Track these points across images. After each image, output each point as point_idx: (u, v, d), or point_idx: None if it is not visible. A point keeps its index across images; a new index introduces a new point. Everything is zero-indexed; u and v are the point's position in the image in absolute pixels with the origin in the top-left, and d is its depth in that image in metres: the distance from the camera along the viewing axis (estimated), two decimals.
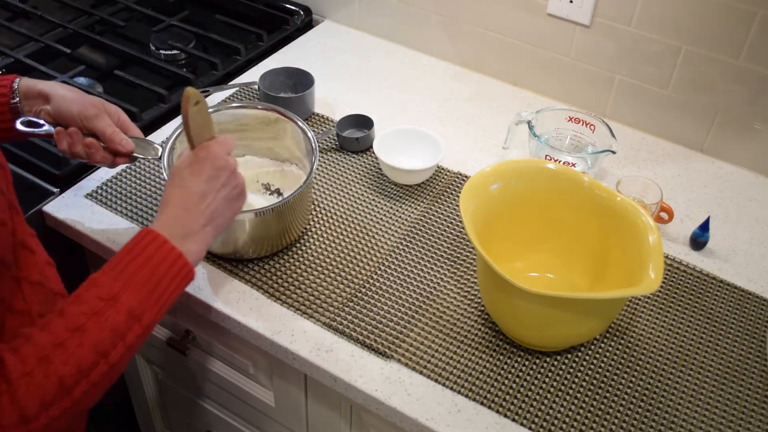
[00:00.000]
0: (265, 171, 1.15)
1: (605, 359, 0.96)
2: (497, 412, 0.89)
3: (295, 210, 1.02)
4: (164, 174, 0.98)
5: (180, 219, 0.80)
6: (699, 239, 1.11)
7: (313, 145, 1.05)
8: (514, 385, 0.92)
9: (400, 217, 1.14)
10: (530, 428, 0.88)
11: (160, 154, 0.99)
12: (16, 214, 0.82)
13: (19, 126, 0.93)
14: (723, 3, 1.15)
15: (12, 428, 0.66)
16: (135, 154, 0.97)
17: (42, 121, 0.94)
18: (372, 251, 1.08)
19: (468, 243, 1.10)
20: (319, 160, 1.19)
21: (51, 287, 0.86)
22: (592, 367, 0.95)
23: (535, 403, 0.90)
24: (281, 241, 1.05)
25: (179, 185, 0.82)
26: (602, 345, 0.98)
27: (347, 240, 1.09)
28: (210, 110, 1.08)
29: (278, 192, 1.14)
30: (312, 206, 1.13)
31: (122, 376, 1.40)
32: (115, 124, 0.95)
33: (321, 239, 1.09)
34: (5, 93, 0.93)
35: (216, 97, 1.36)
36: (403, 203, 1.16)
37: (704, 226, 1.10)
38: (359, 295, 1.01)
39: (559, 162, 1.13)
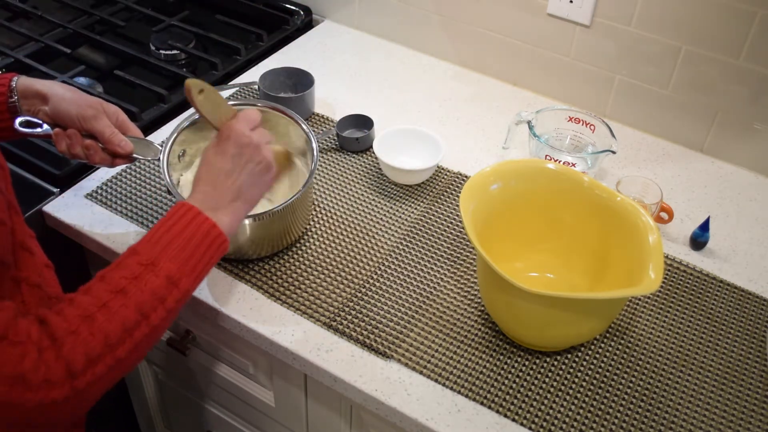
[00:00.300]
0: None
1: (605, 359, 0.96)
2: (497, 412, 0.89)
3: (296, 212, 1.02)
4: (164, 174, 0.98)
5: (209, 194, 0.83)
6: (699, 239, 1.11)
7: (313, 146, 1.05)
8: (514, 385, 0.92)
9: (400, 217, 1.14)
10: (530, 428, 0.88)
11: (159, 154, 0.99)
12: (16, 214, 0.82)
13: (17, 126, 0.93)
14: (723, 3, 1.15)
15: (59, 383, 0.68)
16: (134, 155, 0.96)
17: (40, 122, 0.93)
18: (372, 251, 1.08)
19: (468, 243, 1.10)
20: (319, 160, 1.19)
21: (48, 290, 0.85)
22: (592, 367, 0.95)
23: (535, 403, 0.90)
24: (281, 241, 1.05)
25: (206, 164, 0.86)
26: (602, 345, 0.98)
27: (347, 240, 1.09)
28: None
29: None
30: (312, 207, 1.13)
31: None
32: (114, 124, 0.95)
33: (321, 239, 1.09)
34: (3, 92, 0.93)
35: None
36: (403, 203, 1.16)
37: (704, 226, 1.10)
38: (359, 295, 1.01)
39: (559, 162, 1.13)
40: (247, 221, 0.98)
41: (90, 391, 0.71)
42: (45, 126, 0.93)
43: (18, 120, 0.93)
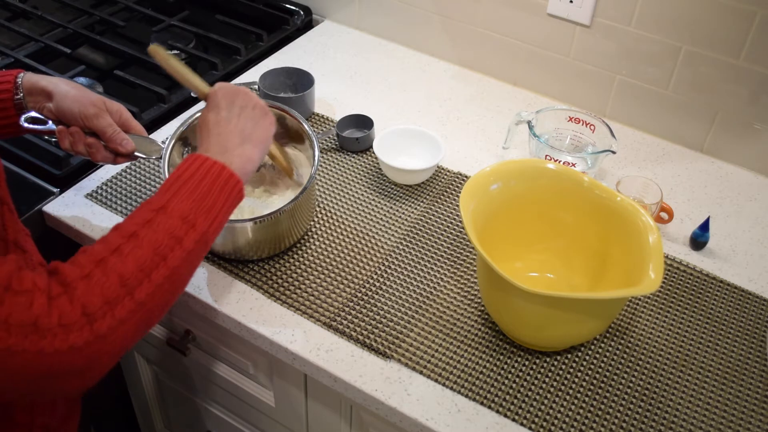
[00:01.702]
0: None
1: (605, 359, 0.96)
2: (497, 412, 0.89)
3: (297, 214, 1.02)
4: (165, 173, 0.98)
5: (214, 141, 0.84)
6: (699, 239, 1.11)
7: (315, 147, 1.05)
8: (514, 385, 0.92)
9: (400, 217, 1.14)
10: (530, 428, 0.88)
11: (162, 152, 0.99)
12: (9, 211, 0.82)
13: (23, 123, 0.94)
14: (723, 3, 1.15)
15: (77, 327, 0.66)
16: (136, 153, 0.96)
17: (45, 119, 0.94)
18: (372, 251, 1.08)
19: (468, 243, 1.10)
20: (320, 161, 1.18)
21: None
22: (592, 367, 0.95)
23: (535, 403, 0.90)
24: (283, 243, 1.04)
25: (205, 123, 0.88)
26: (602, 345, 0.98)
27: (347, 240, 1.09)
28: None
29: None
30: (314, 208, 1.13)
31: (122, 375, 1.40)
32: (117, 121, 0.96)
33: (321, 239, 1.09)
34: (9, 89, 0.93)
35: None
36: (403, 203, 1.16)
37: (704, 226, 1.10)
38: (359, 295, 1.01)
39: (559, 162, 1.13)
40: (248, 224, 0.97)
41: (113, 336, 0.68)
42: (50, 123, 0.94)
43: (24, 116, 0.94)
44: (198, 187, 0.77)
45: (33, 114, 0.94)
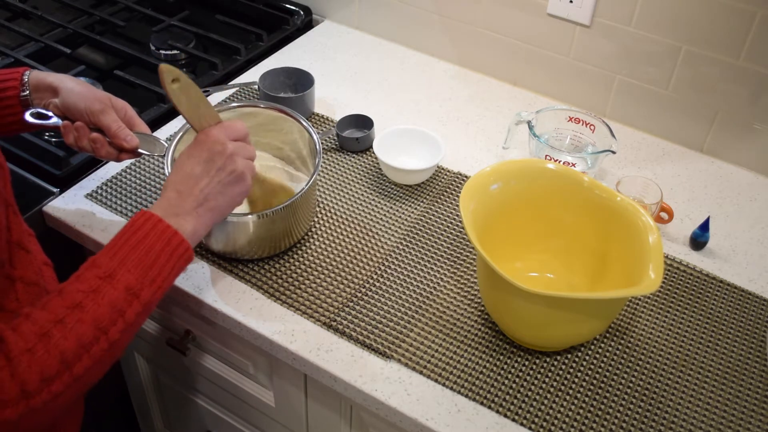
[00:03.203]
0: (272, 167, 1.16)
1: (605, 359, 0.96)
2: (497, 412, 0.89)
3: (297, 212, 1.02)
4: (167, 172, 0.98)
5: (172, 201, 0.82)
6: (699, 239, 1.11)
7: (316, 144, 1.05)
8: (514, 385, 0.92)
9: (400, 217, 1.14)
10: (530, 428, 0.88)
11: (165, 151, 0.99)
12: (13, 213, 0.82)
13: (28, 118, 0.94)
14: (723, 3, 1.15)
15: (13, 403, 0.67)
16: (140, 150, 0.97)
17: (50, 114, 0.95)
18: (372, 251, 1.08)
19: (468, 243, 1.10)
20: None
21: (45, 288, 0.85)
22: (592, 367, 0.95)
23: (535, 403, 0.90)
24: (283, 243, 1.04)
25: (177, 168, 0.85)
26: (602, 345, 0.98)
27: (347, 240, 1.09)
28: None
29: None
30: (315, 207, 1.13)
31: (122, 375, 1.40)
32: (122, 119, 0.96)
33: (321, 239, 1.09)
34: (15, 86, 0.94)
35: (216, 97, 1.36)
36: (403, 203, 1.16)
37: (704, 226, 1.10)
38: (359, 295, 1.01)
39: (559, 162, 1.13)
40: (250, 218, 0.97)
41: (47, 408, 0.69)
42: (54, 118, 0.95)
43: (29, 111, 0.94)
44: (147, 255, 0.76)
45: (38, 110, 0.95)
